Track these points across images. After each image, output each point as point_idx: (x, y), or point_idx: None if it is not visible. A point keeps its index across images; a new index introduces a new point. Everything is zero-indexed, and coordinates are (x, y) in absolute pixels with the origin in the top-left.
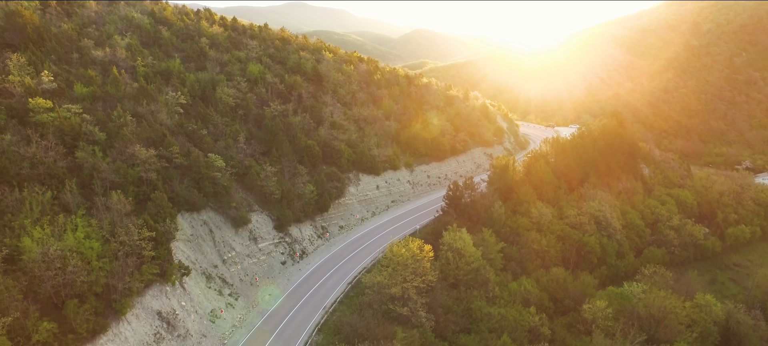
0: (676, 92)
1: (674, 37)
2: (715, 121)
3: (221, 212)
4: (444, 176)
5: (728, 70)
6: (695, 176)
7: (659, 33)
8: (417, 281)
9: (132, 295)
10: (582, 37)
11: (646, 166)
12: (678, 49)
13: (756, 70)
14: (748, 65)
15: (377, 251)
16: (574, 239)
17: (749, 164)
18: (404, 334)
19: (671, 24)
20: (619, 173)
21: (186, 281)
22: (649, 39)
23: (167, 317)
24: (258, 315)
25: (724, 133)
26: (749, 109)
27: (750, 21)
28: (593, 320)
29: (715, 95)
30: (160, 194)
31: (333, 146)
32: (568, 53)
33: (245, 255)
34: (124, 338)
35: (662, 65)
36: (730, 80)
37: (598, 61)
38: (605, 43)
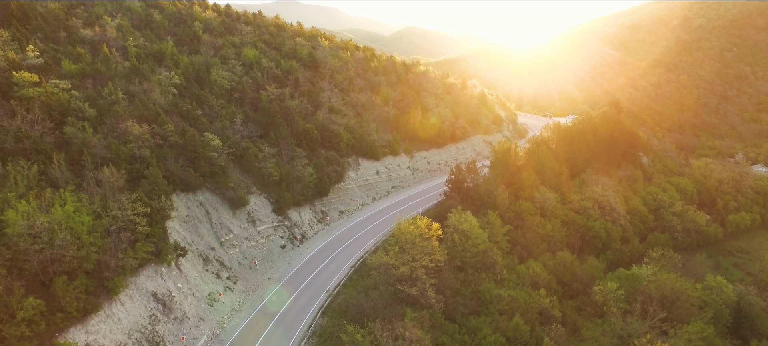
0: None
1: (665, 32)
2: (708, 115)
3: (218, 193)
4: (444, 163)
5: (719, 65)
6: (693, 164)
7: (650, 28)
8: (426, 260)
9: (125, 274)
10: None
11: (644, 155)
12: (669, 44)
13: (746, 65)
14: (738, 60)
15: (380, 235)
16: (579, 224)
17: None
18: (414, 314)
19: (662, 19)
20: (619, 160)
21: (182, 263)
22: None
23: (163, 299)
24: (258, 299)
25: (716, 127)
26: (741, 103)
27: (740, 16)
28: (604, 302)
29: (706, 89)
30: (154, 170)
31: (331, 130)
32: (558, 50)
33: (243, 238)
34: (118, 319)
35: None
36: (722, 75)
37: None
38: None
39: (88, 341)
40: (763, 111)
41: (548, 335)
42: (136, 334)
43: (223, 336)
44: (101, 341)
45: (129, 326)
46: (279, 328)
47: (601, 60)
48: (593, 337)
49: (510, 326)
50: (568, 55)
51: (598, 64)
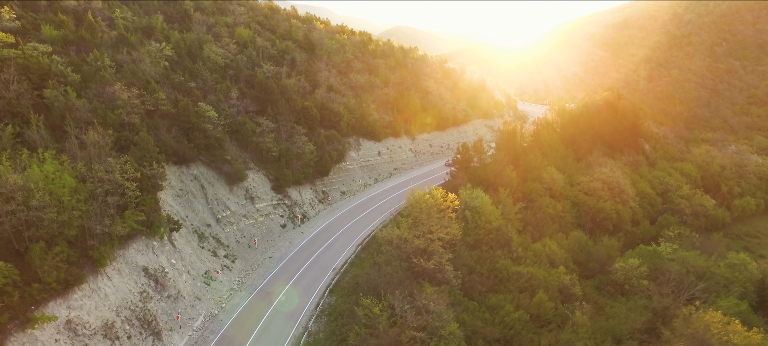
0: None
1: (656, 27)
2: (700, 109)
3: (214, 168)
4: (446, 146)
5: (710, 60)
6: (694, 151)
7: (641, 24)
8: (442, 232)
9: (113, 244)
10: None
11: (645, 141)
12: (660, 39)
13: (736, 60)
14: (728, 55)
15: (386, 214)
16: (589, 206)
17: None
18: (433, 288)
19: (652, 15)
20: (622, 146)
21: (176, 238)
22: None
23: (155, 275)
24: (259, 277)
25: (708, 120)
26: (731, 96)
27: (728, 12)
28: (626, 279)
29: (698, 84)
30: (144, 136)
31: (331, 109)
32: (545, 49)
33: (241, 215)
34: (104, 294)
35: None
36: (712, 69)
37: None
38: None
39: (69, 317)
40: (754, 104)
41: (573, 312)
42: (126, 311)
43: (223, 316)
44: (85, 317)
45: (117, 302)
46: (283, 307)
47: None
48: (620, 314)
49: (533, 302)
50: (556, 52)
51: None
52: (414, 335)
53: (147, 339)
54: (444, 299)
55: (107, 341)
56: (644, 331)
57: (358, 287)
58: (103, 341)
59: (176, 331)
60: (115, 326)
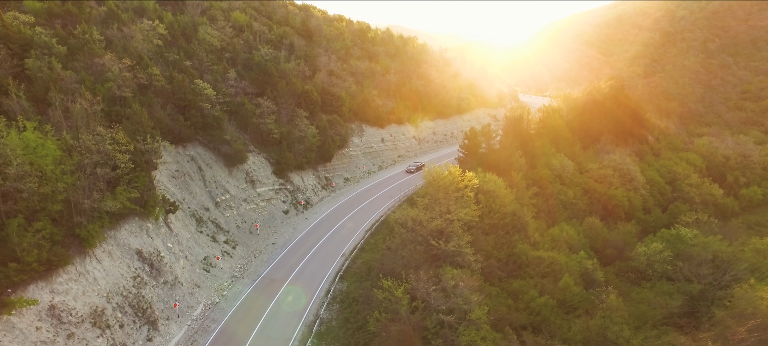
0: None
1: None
2: (694, 104)
3: (212, 148)
4: (450, 134)
5: (703, 56)
6: (697, 142)
7: (634, 20)
8: (461, 212)
9: (102, 223)
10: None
11: (648, 132)
12: (653, 35)
13: (729, 56)
14: (721, 50)
15: (394, 200)
16: (600, 193)
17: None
18: (455, 271)
19: (646, 12)
20: (627, 136)
21: (172, 221)
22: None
23: (150, 259)
24: (263, 264)
25: (702, 115)
26: (725, 91)
27: (721, 8)
28: (648, 265)
29: (692, 79)
30: (137, 109)
31: (333, 93)
32: (536, 48)
33: (242, 199)
34: (93, 278)
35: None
36: (706, 65)
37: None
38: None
39: (53, 302)
40: (748, 99)
41: (598, 297)
42: (117, 298)
43: (225, 305)
44: (71, 303)
45: (108, 287)
46: (289, 295)
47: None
48: (649, 299)
49: (558, 287)
50: (548, 51)
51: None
52: (442, 318)
53: (141, 329)
54: (475, 279)
55: (96, 330)
56: (681, 315)
57: (372, 272)
58: (91, 330)
59: (174, 320)
60: (105, 314)
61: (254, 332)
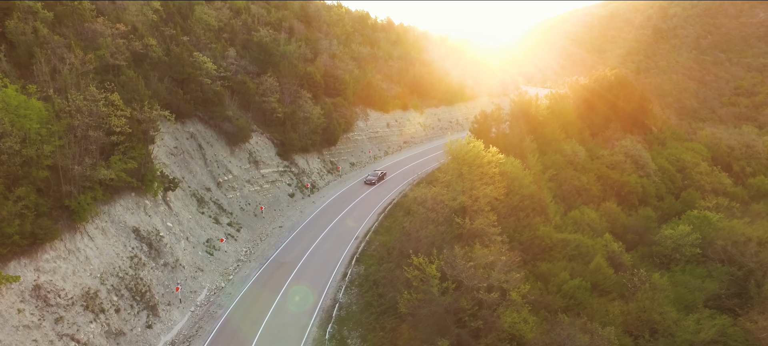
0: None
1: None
2: (688, 100)
3: (213, 126)
4: (455, 121)
5: (696, 52)
6: (700, 132)
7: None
8: (488, 189)
9: (95, 195)
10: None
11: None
12: (646, 32)
13: (721, 52)
14: (713, 47)
15: (405, 183)
16: (613, 179)
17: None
18: (485, 250)
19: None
20: (632, 125)
21: (171, 200)
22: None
23: (148, 238)
24: (270, 247)
25: (696, 111)
26: (718, 87)
27: (712, 5)
28: (675, 248)
29: (685, 75)
30: (132, 75)
31: (336, 76)
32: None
33: (245, 180)
34: (85, 257)
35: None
36: (699, 61)
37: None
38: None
39: (38, 282)
40: (741, 95)
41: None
42: (113, 279)
43: (231, 289)
44: (60, 283)
45: (102, 267)
46: (302, 279)
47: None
48: (685, 282)
49: (589, 270)
50: (539, 49)
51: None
52: (482, 298)
53: (140, 314)
54: (516, 254)
55: (89, 314)
56: (728, 296)
57: (392, 254)
58: (83, 314)
59: (175, 305)
60: (99, 297)
61: (266, 319)
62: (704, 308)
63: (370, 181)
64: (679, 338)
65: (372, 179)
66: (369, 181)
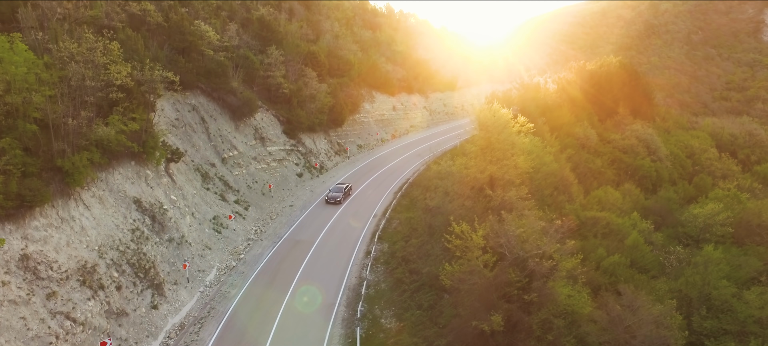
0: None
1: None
2: (680, 94)
3: (216, 99)
4: (460, 107)
5: (687, 47)
6: (703, 122)
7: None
8: (520, 159)
9: (92, 156)
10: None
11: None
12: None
13: (712, 47)
14: (704, 43)
15: (418, 163)
16: (627, 163)
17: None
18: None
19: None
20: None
21: (174, 173)
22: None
23: (151, 211)
24: (282, 226)
25: (689, 105)
26: (710, 82)
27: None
28: (705, 227)
29: (677, 70)
30: (131, 33)
31: (340, 56)
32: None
33: (251, 157)
34: (81, 227)
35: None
36: (690, 56)
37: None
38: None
39: (26, 251)
40: (732, 90)
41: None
42: (112, 253)
43: (244, 268)
44: (52, 254)
45: (100, 240)
46: (320, 257)
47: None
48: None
49: (626, 246)
50: (527, 47)
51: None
52: (533, 268)
53: (144, 293)
54: (571, 219)
55: (86, 290)
56: None
57: (418, 230)
58: (79, 290)
59: (183, 285)
60: (97, 272)
61: (286, 299)
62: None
63: (333, 198)
64: (742, 314)
65: (337, 196)
66: (332, 199)
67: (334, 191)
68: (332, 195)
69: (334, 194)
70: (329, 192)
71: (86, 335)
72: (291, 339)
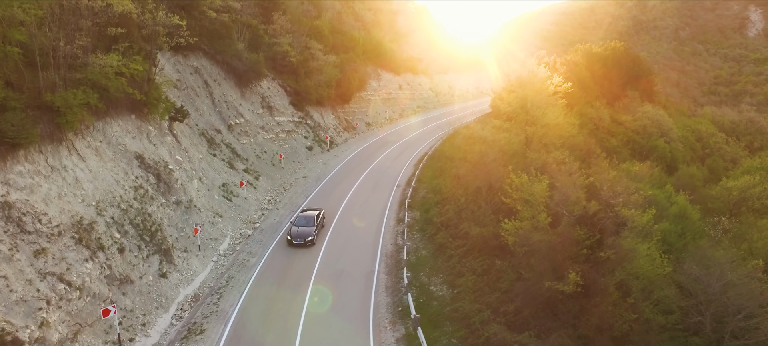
0: None
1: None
2: (670, 88)
3: (220, 63)
4: (465, 89)
5: (675, 43)
6: (703, 109)
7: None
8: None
9: (87, 97)
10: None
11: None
12: (627, 23)
13: (699, 43)
14: (691, 38)
15: (434, 138)
16: (640, 144)
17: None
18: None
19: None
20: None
21: (178, 133)
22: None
23: (156, 169)
24: (298, 196)
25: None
26: (698, 76)
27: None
28: (740, 201)
29: (666, 65)
30: None
31: (343, 33)
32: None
33: (259, 126)
34: (74, 178)
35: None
36: (678, 51)
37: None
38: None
39: (8, 199)
40: (720, 84)
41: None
42: (113, 210)
43: (262, 237)
44: (40, 206)
45: (97, 195)
46: (346, 227)
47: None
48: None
49: (671, 214)
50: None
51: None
52: (604, 225)
53: (151, 259)
54: (647, 166)
55: (83, 250)
56: None
57: (454, 196)
58: (75, 249)
59: (194, 253)
60: (95, 229)
61: (316, 267)
62: None
63: (300, 238)
64: None
65: (307, 234)
66: (299, 238)
67: (301, 223)
68: (298, 231)
69: (302, 230)
70: (292, 226)
71: (84, 303)
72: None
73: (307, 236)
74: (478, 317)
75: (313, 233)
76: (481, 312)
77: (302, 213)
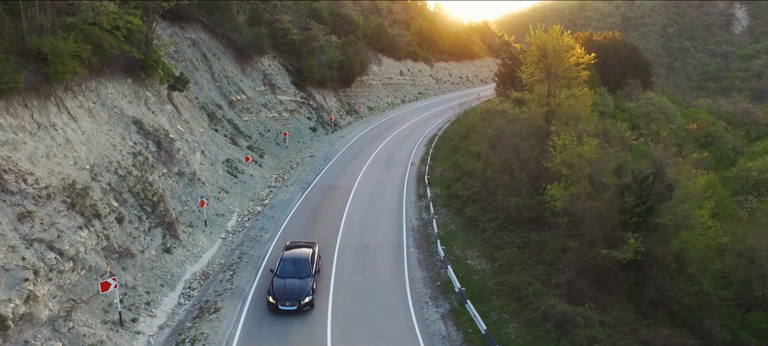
0: None
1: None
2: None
3: (219, 37)
4: (465, 77)
5: (664, 39)
6: (699, 100)
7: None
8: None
9: (79, 48)
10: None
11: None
12: (616, 20)
13: (687, 40)
14: (679, 35)
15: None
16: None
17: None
18: None
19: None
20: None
21: (179, 105)
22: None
23: (156, 136)
24: (307, 173)
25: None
26: (687, 73)
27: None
28: (760, 180)
29: (655, 61)
30: None
31: (343, 15)
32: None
33: (261, 104)
34: (65, 138)
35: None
36: (667, 48)
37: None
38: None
39: None
40: (708, 80)
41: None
42: (110, 176)
43: (273, 213)
44: (25, 165)
45: (92, 158)
46: (363, 202)
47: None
48: None
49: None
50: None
51: None
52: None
53: (153, 232)
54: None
55: (76, 217)
56: None
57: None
58: (67, 215)
59: (200, 228)
60: (89, 195)
61: (339, 239)
62: None
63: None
64: None
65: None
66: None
67: (287, 272)
68: (285, 289)
69: (293, 286)
70: (274, 277)
71: (79, 276)
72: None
73: (300, 295)
74: (530, 289)
75: (309, 289)
76: (532, 285)
77: (288, 252)
